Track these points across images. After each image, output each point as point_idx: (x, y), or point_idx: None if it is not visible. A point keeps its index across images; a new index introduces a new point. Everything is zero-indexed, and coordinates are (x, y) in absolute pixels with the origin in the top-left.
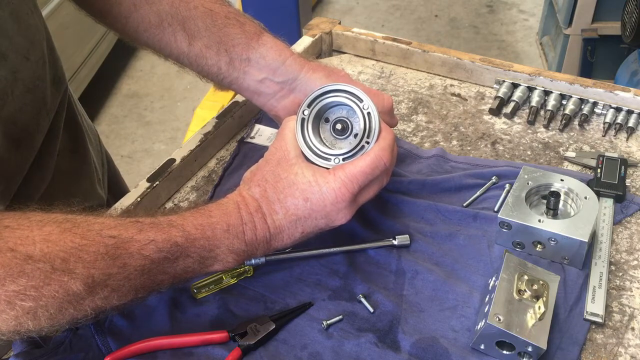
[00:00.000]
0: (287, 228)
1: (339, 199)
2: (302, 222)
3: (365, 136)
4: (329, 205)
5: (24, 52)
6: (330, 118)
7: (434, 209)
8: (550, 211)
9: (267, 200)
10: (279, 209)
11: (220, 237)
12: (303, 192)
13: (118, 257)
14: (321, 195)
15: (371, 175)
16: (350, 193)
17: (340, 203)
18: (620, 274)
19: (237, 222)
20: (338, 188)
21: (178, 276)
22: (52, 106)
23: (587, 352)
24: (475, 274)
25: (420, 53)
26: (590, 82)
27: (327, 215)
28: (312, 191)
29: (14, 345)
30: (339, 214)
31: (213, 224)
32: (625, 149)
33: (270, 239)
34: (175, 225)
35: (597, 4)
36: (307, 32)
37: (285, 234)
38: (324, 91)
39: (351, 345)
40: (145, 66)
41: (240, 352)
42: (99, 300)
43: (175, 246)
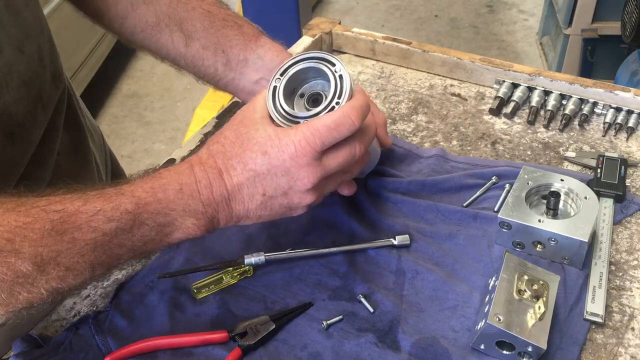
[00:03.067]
0: (245, 186)
1: (299, 153)
2: (262, 180)
3: (335, 97)
4: (288, 160)
5: (19, 44)
6: (305, 94)
7: (434, 209)
8: (550, 211)
9: (224, 155)
10: (236, 164)
11: (173, 198)
12: (262, 146)
13: (65, 231)
14: (280, 147)
15: (336, 131)
16: (312, 147)
17: (301, 158)
18: (620, 274)
19: (190, 180)
20: (298, 140)
21: (137, 249)
22: (50, 102)
23: (587, 352)
24: (475, 274)
25: (420, 53)
26: (590, 82)
27: (287, 172)
28: (272, 144)
29: (14, 345)
30: (300, 171)
31: (164, 185)
32: (625, 149)
33: (229, 197)
34: (123, 193)
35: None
36: (307, 32)
37: (245, 192)
38: (297, 60)
39: (351, 345)
40: (145, 66)
41: (240, 352)
42: (54, 281)
43: (126, 214)
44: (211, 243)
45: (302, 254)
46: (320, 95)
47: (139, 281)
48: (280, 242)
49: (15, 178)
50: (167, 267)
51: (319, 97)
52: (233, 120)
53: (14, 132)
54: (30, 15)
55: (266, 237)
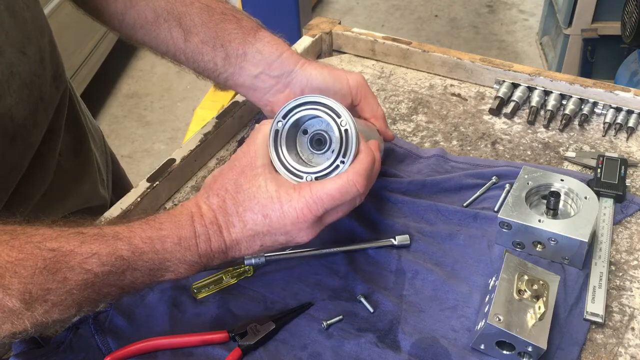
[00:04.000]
0: (244, 241)
1: (300, 220)
2: (261, 237)
3: (340, 155)
4: (289, 225)
5: (20, 46)
6: (308, 130)
7: (434, 209)
8: (550, 211)
9: (225, 212)
10: (236, 222)
11: (170, 250)
12: (263, 208)
13: (58, 271)
14: (282, 213)
15: (340, 200)
16: (314, 215)
17: (302, 224)
18: (620, 274)
19: (189, 234)
20: (300, 208)
21: (126, 287)
22: (51, 103)
23: (587, 352)
24: (475, 274)
25: (420, 53)
26: (590, 82)
27: (287, 233)
28: (273, 208)
29: (14, 345)
30: (300, 233)
31: (163, 237)
32: (625, 149)
33: (227, 250)
34: (121, 238)
35: (597, 4)
36: (307, 32)
37: (243, 246)
38: (301, 102)
39: (351, 345)
40: (145, 66)
41: (240, 352)
42: (39, 316)
43: (120, 260)
44: None
45: (302, 254)
46: (324, 137)
47: None
48: None
49: (16, 179)
50: None
51: (322, 139)
52: (233, 166)
53: (15, 134)
54: (31, 17)
55: None
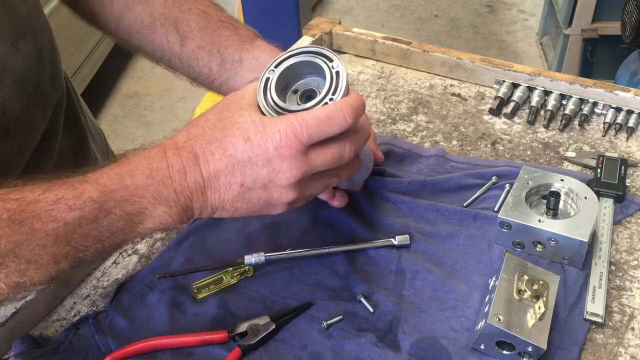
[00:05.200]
0: (223, 174)
1: (284, 143)
2: (241, 168)
3: (330, 93)
4: (271, 149)
5: (12, 40)
6: (298, 89)
7: (434, 209)
8: (550, 211)
9: (203, 139)
10: (215, 149)
11: (142, 184)
12: (245, 131)
13: (23, 221)
14: (264, 135)
15: (327, 125)
16: (298, 139)
17: (286, 148)
18: (620, 274)
19: (161, 165)
20: (284, 129)
21: (105, 239)
22: (48, 102)
23: (587, 352)
24: (475, 274)
25: (420, 53)
26: (590, 82)
27: (269, 162)
28: (255, 130)
29: (14, 345)
30: (283, 163)
31: (132, 171)
32: (625, 149)
33: (205, 185)
34: (87, 180)
35: (597, 4)
36: (307, 32)
37: (222, 181)
38: (293, 53)
39: (351, 345)
40: (145, 66)
41: (240, 352)
42: (14, 275)
43: (89, 202)
44: (211, 243)
45: (302, 254)
46: (314, 92)
47: (139, 281)
48: (280, 242)
49: None
50: (167, 267)
51: (313, 94)
52: (217, 105)
53: (8, 128)
54: (27, 13)
55: (266, 237)
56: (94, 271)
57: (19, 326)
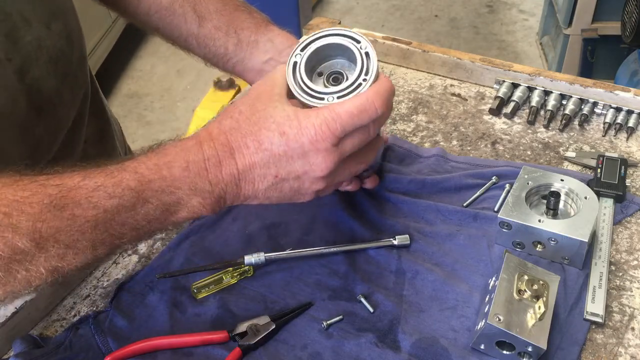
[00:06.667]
0: (258, 166)
1: (319, 137)
2: (276, 162)
3: (362, 73)
4: (307, 144)
5: (46, 21)
6: (324, 72)
7: (434, 209)
8: (550, 211)
9: (238, 132)
10: (250, 143)
11: (179, 176)
12: (280, 125)
13: (65, 207)
14: (300, 129)
15: (358, 118)
16: (332, 133)
17: (320, 143)
18: (620, 274)
19: (197, 157)
20: (319, 124)
21: (141, 228)
22: (76, 83)
23: (587, 352)
24: (475, 274)
25: (420, 53)
26: (590, 82)
27: (304, 156)
28: (290, 125)
29: (14, 345)
30: (317, 157)
31: (170, 162)
32: (625, 149)
33: (239, 178)
34: (125, 169)
35: (597, 4)
36: (307, 32)
37: (257, 173)
38: (319, 35)
39: (351, 345)
40: (145, 66)
41: (240, 352)
42: (53, 259)
43: (128, 190)
44: (211, 243)
45: (302, 254)
46: (341, 75)
47: (139, 281)
48: (280, 242)
49: (44, 160)
50: (167, 267)
51: (340, 77)
52: (249, 95)
53: (41, 106)
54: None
55: (266, 237)
56: (94, 271)
57: (19, 326)
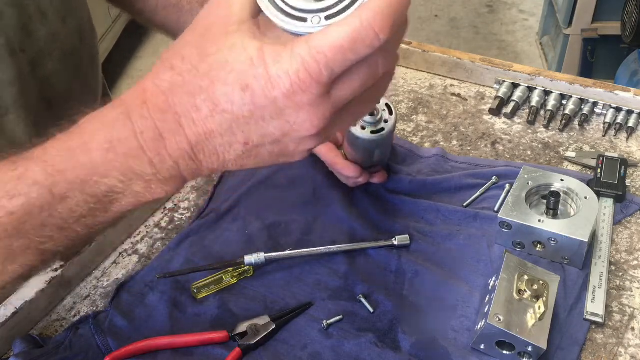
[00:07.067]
0: (218, 134)
1: (296, 88)
2: (242, 125)
3: None
4: (281, 98)
5: (62, 15)
6: None
7: (434, 209)
8: (550, 211)
9: (183, 90)
10: (202, 104)
11: (101, 161)
12: (241, 76)
13: None
14: (268, 80)
15: (351, 52)
16: (316, 80)
17: (300, 95)
18: (620, 274)
19: (124, 133)
20: (295, 71)
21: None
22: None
23: (587, 352)
24: (475, 274)
25: (420, 53)
26: (590, 82)
27: (280, 114)
28: (255, 74)
29: (14, 345)
30: (299, 115)
31: (86, 144)
32: (625, 149)
33: (194, 151)
34: (32, 157)
35: (597, 4)
36: None
37: (218, 143)
38: None
39: (351, 345)
40: (145, 66)
41: (240, 352)
42: None
43: (35, 186)
44: (211, 243)
45: (302, 253)
46: None
47: (139, 281)
48: (280, 242)
49: None
50: (167, 267)
51: None
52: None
53: (51, 100)
54: None
55: (266, 237)
56: (94, 271)
57: (19, 326)
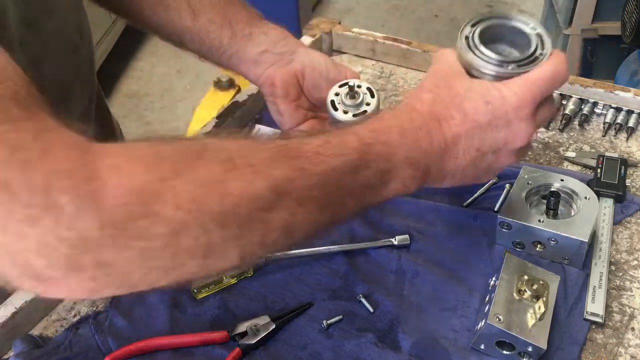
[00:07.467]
0: (464, 137)
1: (521, 104)
2: (481, 133)
3: (539, 47)
4: (511, 112)
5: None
6: None
7: (434, 208)
8: (550, 211)
9: (441, 104)
10: (455, 113)
11: (395, 142)
12: (483, 96)
13: (295, 157)
14: (502, 98)
15: (552, 83)
16: (532, 98)
17: (523, 109)
18: (620, 274)
19: (411, 126)
20: (521, 92)
21: (356, 197)
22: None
23: (587, 352)
24: (475, 274)
25: (420, 53)
26: (590, 82)
27: (508, 124)
28: (492, 95)
29: (14, 345)
30: (520, 125)
31: (387, 127)
32: (625, 149)
33: (446, 150)
34: (347, 132)
35: (597, 4)
36: (307, 32)
37: (461, 146)
38: (487, 16)
39: (351, 345)
40: (145, 66)
41: (240, 352)
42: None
43: (352, 150)
44: None
45: (302, 253)
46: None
47: None
48: None
49: None
50: None
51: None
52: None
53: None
54: None
55: None
56: None
57: (19, 326)
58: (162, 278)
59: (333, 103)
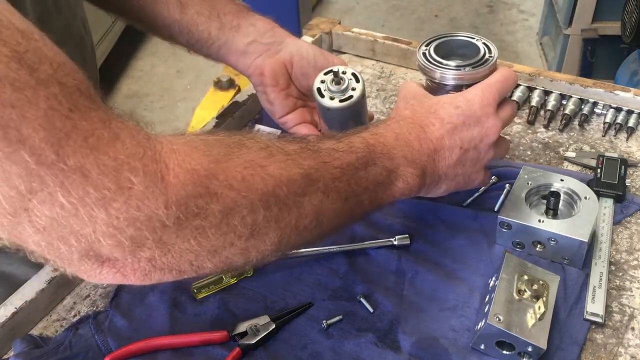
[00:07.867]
0: (446, 138)
1: (484, 102)
2: (459, 132)
3: (487, 52)
4: (478, 110)
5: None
6: None
7: (434, 209)
8: (550, 211)
9: (420, 115)
10: (434, 120)
11: (392, 143)
12: (452, 103)
13: (317, 151)
14: (468, 101)
15: (504, 84)
16: (492, 97)
17: (487, 107)
18: (620, 274)
19: (402, 130)
20: (481, 92)
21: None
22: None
23: (587, 352)
24: (475, 274)
25: None
26: (590, 82)
27: (478, 122)
28: (459, 100)
29: (14, 345)
30: (488, 121)
31: (382, 133)
32: (625, 149)
33: (435, 150)
34: (352, 134)
35: (597, 4)
36: (307, 32)
37: (447, 146)
38: (441, 35)
39: (351, 345)
40: (145, 66)
41: (240, 352)
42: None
43: (360, 149)
44: None
45: (302, 253)
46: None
47: None
48: None
49: None
50: None
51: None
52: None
53: None
54: None
55: None
56: None
57: (19, 326)
58: (209, 261)
59: (319, 90)
